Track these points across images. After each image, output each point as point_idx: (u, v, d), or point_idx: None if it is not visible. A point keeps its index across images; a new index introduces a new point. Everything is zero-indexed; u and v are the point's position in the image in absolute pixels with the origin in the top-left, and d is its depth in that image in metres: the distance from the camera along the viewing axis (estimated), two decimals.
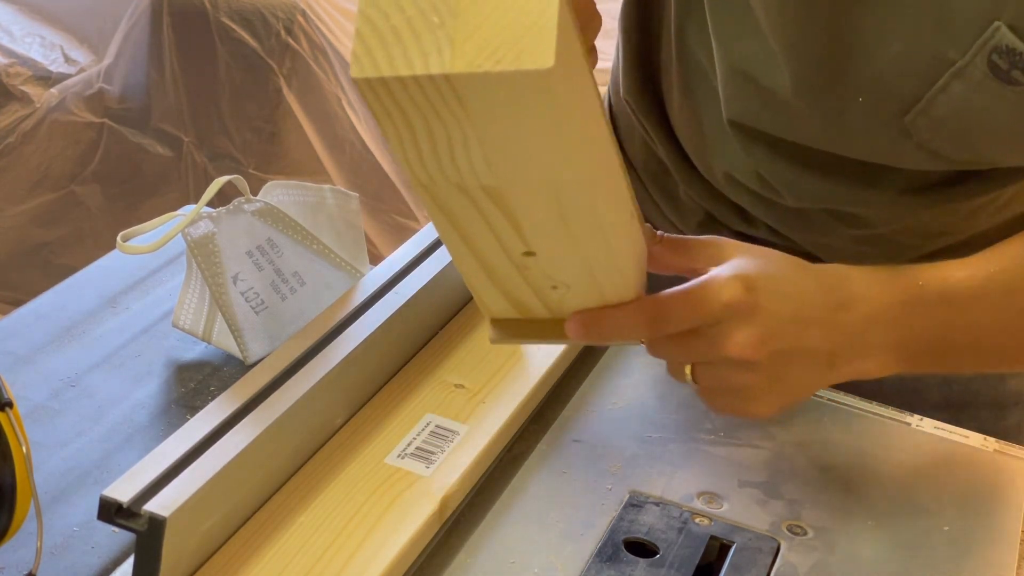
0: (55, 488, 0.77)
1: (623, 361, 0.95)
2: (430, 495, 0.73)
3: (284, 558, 0.68)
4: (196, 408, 0.71)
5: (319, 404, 0.75)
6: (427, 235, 0.93)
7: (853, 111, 0.85)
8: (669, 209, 1.06)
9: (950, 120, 0.81)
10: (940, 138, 0.83)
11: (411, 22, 0.59)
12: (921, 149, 0.84)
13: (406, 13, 0.59)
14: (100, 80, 2.71)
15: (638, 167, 1.06)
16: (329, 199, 0.93)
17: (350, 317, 0.81)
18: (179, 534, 0.63)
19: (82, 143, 2.70)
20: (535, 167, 0.62)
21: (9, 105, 2.68)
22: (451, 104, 0.59)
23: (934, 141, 0.83)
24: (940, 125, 0.81)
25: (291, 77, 2.71)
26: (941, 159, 0.85)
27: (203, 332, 0.91)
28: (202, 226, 0.88)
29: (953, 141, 0.83)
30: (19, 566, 0.70)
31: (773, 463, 0.86)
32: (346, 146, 2.75)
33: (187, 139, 2.71)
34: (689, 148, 0.99)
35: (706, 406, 0.78)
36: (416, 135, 0.60)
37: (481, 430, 0.80)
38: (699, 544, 0.77)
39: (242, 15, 2.68)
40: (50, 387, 0.86)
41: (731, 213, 1.00)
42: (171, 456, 0.65)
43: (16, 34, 2.80)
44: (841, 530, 0.80)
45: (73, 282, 0.98)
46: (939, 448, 0.90)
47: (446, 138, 0.60)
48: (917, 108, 0.81)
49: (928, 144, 0.83)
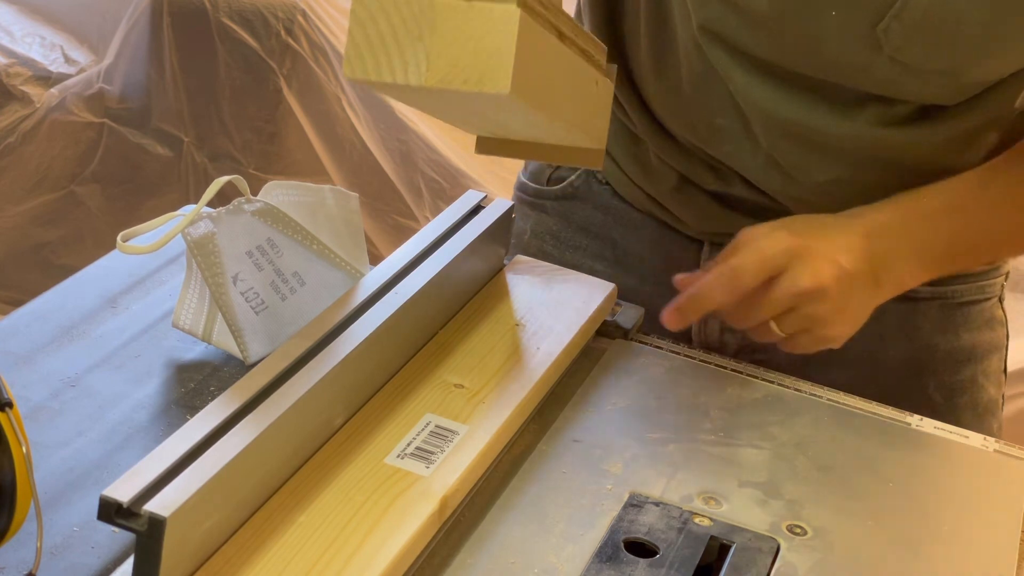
0: (55, 488, 0.77)
1: (623, 361, 0.95)
2: (430, 495, 0.73)
3: (284, 558, 0.68)
4: (196, 408, 0.71)
5: (319, 404, 0.75)
6: (427, 235, 0.93)
7: (827, 25, 0.88)
8: (640, 177, 1.07)
9: (924, 24, 0.85)
10: (912, 45, 0.87)
11: (395, 30, 0.69)
12: (893, 63, 0.88)
13: (391, 20, 0.68)
14: (100, 80, 2.71)
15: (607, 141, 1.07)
16: (329, 199, 0.93)
17: (350, 317, 0.81)
18: (179, 534, 0.63)
19: (82, 143, 2.70)
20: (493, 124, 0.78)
21: (9, 105, 2.68)
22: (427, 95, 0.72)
23: (906, 49, 0.87)
24: (913, 31, 0.86)
25: (291, 77, 2.71)
26: (911, 73, 0.89)
27: (203, 332, 0.91)
28: (202, 226, 0.88)
29: (925, 48, 0.87)
30: (19, 566, 0.70)
31: (773, 463, 0.86)
32: (346, 146, 2.75)
33: (187, 139, 2.71)
34: (663, 110, 1.01)
35: (789, 350, 0.92)
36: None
37: (481, 430, 0.80)
38: (699, 544, 0.77)
39: (242, 15, 2.68)
40: (50, 387, 0.86)
41: (704, 171, 1.02)
42: (171, 456, 0.65)
43: (16, 34, 2.80)
44: (841, 530, 0.80)
45: (73, 282, 0.98)
46: (939, 448, 0.90)
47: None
48: (891, 13, 0.85)
49: (900, 54, 0.87)
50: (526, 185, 1.15)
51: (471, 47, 0.69)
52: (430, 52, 0.69)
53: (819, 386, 0.95)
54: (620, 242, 1.10)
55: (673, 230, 1.07)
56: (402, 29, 0.69)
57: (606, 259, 1.11)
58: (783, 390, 0.94)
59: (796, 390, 0.94)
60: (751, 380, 0.95)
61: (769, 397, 0.93)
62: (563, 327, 0.92)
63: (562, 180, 1.12)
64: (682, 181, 1.03)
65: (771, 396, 0.93)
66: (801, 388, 0.95)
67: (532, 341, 0.90)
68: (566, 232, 1.12)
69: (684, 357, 0.97)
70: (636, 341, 0.98)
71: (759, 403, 0.92)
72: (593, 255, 1.11)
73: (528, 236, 1.14)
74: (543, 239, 1.13)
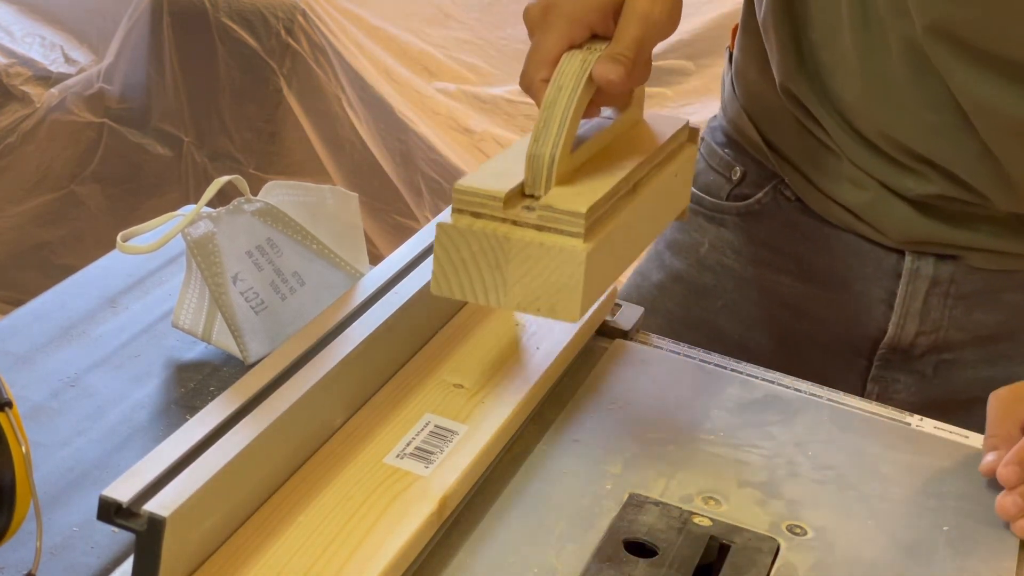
0: (54, 488, 0.77)
1: (623, 361, 0.95)
2: (429, 495, 0.73)
3: (283, 558, 0.68)
4: (195, 408, 0.71)
5: (318, 404, 0.75)
6: (427, 235, 0.93)
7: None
8: (836, 190, 1.06)
9: None
10: None
11: (475, 258, 0.77)
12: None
13: (471, 249, 0.77)
14: (100, 80, 2.71)
15: (793, 155, 1.08)
16: (329, 199, 0.93)
17: (350, 317, 0.81)
18: (178, 534, 0.63)
19: (82, 143, 2.70)
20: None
21: (9, 105, 2.68)
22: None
23: None
24: None
25: (291, 77, 2.71)
26: None
27: (203, 332, 0.91)
28: (202, 226, 0.88)
29: None
30: (18, 566, 0.70)
31: (773, 463, 0.86)
32: (346, 146, 2.75)
33: (187, 139, 2.71)
34: (864, 113, 1.00)
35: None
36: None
37: (481, 430, 0.80)
38: (699, 544, 0.77)
39: (242, 15, 2.68)
40: (50, 387, 0.86)
41: (905, 176, 1.01)
42: (170, 456, 0.65)
43: (16, 34, 2.80)
44: (841, 530, 0.80)
45: (73, 282, 0.98)
46: (939, 448, 0.90)
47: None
48: None
49: None
50: (701, 198, 1.14)
51: (543, 279, 0.77)
52: (508, 280, 0.77)
53: (819, 386, 0.95)
54: (806, 255, 1.09)
55: (871, 241, 1.07)
56: (481, 257, 0.77)
57: (791, 272, 1.10)
58: (783, 390, 0.94)
59: (796, 390, 0.94)
60: (751, 380, 0.95)
61: (769, 397, 0.93)
62: (563, 327, 0.92)
63: (746, 197, 1.11)
64: (881, 189, 1.03)
65: (771, 396, 0.93)
66: (801, 388, 0.95)
67: (532, 341, 0.90)
68: (749, 247, 1.12)
69: (684, 357, 0.97)
70: (636, 341, 0.98)
71: (759, 403, 0.92)
72: (778, 269, 1.11)
73: (705, 249, 1.13)
74: (723, 253, 1.12)
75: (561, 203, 0.76)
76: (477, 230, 0.76)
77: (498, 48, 2.98)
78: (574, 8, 0.84)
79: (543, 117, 0.81)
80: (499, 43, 2.98)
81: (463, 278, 0.78)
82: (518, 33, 2.97)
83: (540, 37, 0.84)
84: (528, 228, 0.77)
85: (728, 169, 1.13)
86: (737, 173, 1.12)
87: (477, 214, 0.77)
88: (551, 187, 0.79)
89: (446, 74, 2.90)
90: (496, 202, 0.77)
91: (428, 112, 2.79)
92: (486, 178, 0.79)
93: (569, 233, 0.76)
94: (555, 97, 0.81)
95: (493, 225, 0.77)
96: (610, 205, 0.80)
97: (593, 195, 0.78)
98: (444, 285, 0.78)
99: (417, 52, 2.89)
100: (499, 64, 2.94)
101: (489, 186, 0.77)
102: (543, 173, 0.79)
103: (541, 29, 0.84)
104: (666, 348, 0.98)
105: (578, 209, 0.76)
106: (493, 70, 2.93)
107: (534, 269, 0.76)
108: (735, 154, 1.12)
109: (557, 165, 0.79)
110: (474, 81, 2.90)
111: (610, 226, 0.79)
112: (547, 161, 0.79)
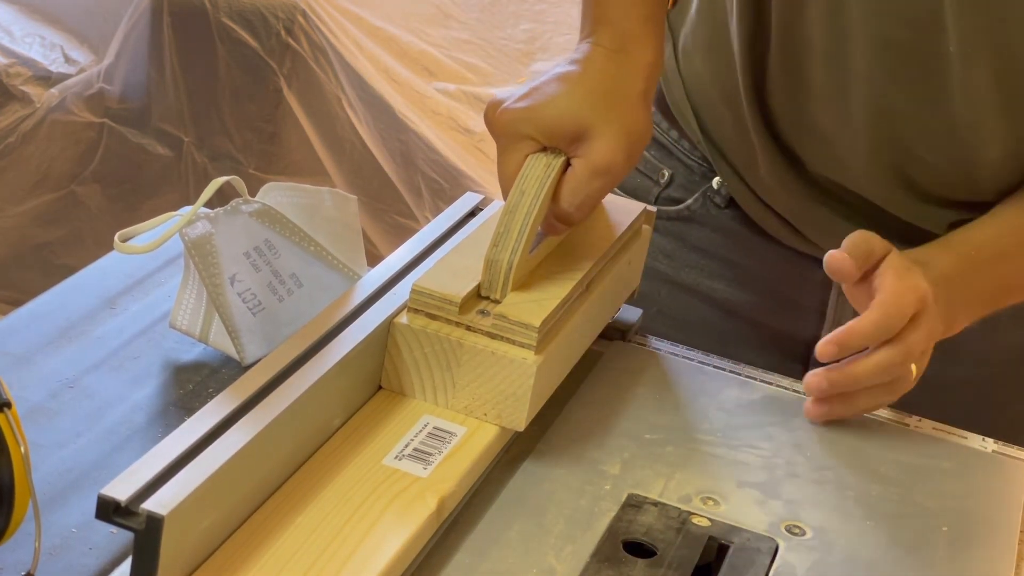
0: (53, 489, 0.77)
1: (622, 362, 0.95)
2: (428, 496, 0.73)
3: (282, 558, 0.68)
4: (194, 410, 0.71)
5: (317, 405, 0.75)
6: (427, 235, 0.93)
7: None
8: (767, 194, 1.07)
9: None
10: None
11: (427, 358, 0.79)
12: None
13: (423, 350, 0.79)
14: (100, 80, 2.71)
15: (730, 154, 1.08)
16: (327, 201, 0.93)
17: (348, 318, 0.81)
18: (177, 533, 0.63)
19: (82, 143, 2.70)
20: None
21: (9, 105, 2.68)
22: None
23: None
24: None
25: (291, 77, 2.71)
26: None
27: (200, 333, 0.91)
28: (199, 227, 0.88)
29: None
30: (17, 567, 0.70)
31: (772, 463, 0.86)
32: (346, 146, 2.75)
33: (187, 139, 2.71)
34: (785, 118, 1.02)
35: (908, 388, 0.91)
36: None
37: (480, 431, 0.80)
38: (697, 544, 0.77)
39: (242, 15, 2.68)
40: (48, 388, 0.86)
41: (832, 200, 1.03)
42: (169, 455, 0.65)
43: (16, 34, 2.80)
44: (840, 530, 0.80)
45: (72, 282, 0.98)
46: (938, 448, 0.90)
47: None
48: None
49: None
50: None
51: (492, 386, 0.79)
52: (457, 383, 0.79)
53: None
54: (739, 262, 1.10)
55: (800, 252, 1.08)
56: (433, 359, 0.79)
57: (724, 278, 1.11)
58: (781, 391, 0.94)
59: (794, 391, 0.94)
60: (749, 381, 0.95)
61: (767, 398, 0.93)
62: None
63: (675, 202, 1.11)
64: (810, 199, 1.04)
65: (769, 397, 0.93)
66: (799, 389, 0.95)
67: None
68: (680, 252, 1.12)
69: (682, 358, 0.97)
70: (634, 342, 0.98)
71: (757, 404, 0.92)
72: (711, 275, 1.11)
73: None
74: (655, 257, 1.11)
75: (515, 314, 0.79)
76: (431, 332, 0.79)
77: (498, 48, 2.98)
78: (538, 129, 0.86)
79: (504, 222, 0.83)
80: (499, 43, 2.98)
81: (414, 376, 0.80)
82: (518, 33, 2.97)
83: (507, 158, 0.87)
84: (481, 335, 0.79)
85: (655, 172, 1.12)
86: (664, 176, 1.11)
87: (432, 316, 0.80)
88: (507, 292, 0.81)
89: (446, 74, 2.90)
90: (452, 306, 0.79)
91: (428, 112, 2.79)
92: (444, 278, 0.81)
93: (521, 344, 0.78)
94: (517, 202, 0.83)
95: (448, 329, 0.79)
96: (564, 311, 0.83)
97: (548, 304, 0.81)
98: (394, 381, 0.81)
99: (417, 52, 2.89)
100: (499, 64, 2.94)
101: (447, 289, 0.80)
102: (499, 279, 0.81)
103: (507, 149, 0.87)
104: (664, 349, 0.98)
105: (531, 322, 0.78)
106: (493, 70, 2.93)
107: (484, 375, 0.78)
108: (662, 155, 1.12)
109: (514, 272, 0.81)
110: (474, 81, 2.90)
111: (562, 333, 0.82)
112: (504, 268, 0.81)
